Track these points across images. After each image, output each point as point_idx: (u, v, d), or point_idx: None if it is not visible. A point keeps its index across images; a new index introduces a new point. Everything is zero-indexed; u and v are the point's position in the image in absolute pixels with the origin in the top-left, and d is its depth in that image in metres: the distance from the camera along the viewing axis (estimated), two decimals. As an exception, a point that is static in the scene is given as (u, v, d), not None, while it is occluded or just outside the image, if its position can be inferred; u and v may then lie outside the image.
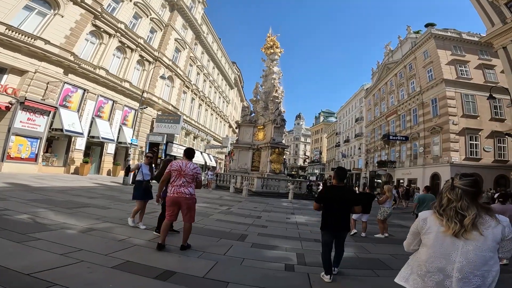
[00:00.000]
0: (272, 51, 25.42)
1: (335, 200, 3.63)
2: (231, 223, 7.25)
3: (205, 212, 8.59)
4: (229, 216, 8.35)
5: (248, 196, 15.98)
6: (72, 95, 17.19)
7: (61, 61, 16.06)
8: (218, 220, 7.44)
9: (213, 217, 7.86)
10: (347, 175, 4.91)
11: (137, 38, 22.57)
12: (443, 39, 30.01)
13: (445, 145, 26.43)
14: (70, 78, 17.05)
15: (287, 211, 10.85)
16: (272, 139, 20.49)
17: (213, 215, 8.24)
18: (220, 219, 7.69)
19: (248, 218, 8.19)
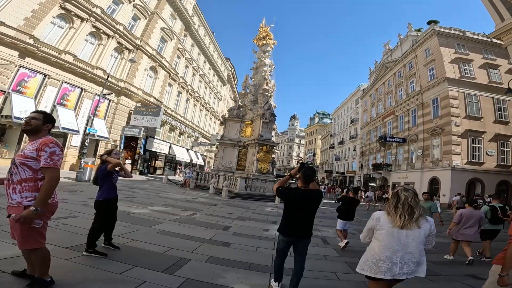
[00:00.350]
0: (264, 42, 23.44)
1: (303, 202, 3.12)
2: (178, 237, 5.16)
3: (153, 219, 6.49)
4: (184, 226, 6.25)
5: (228, 198, 13.89)
6: (29, 80, 15.03)
7: (16, 43, 13.99)
8: (162, 233, 5.33)
9: (158, 227, 5.74)
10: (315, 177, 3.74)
11: (116, 24, 20.48)
12: (446, 37, 28.36)
13: (446, 148, 24.71)
14: (27, 61, 15.01)
15: (268, 220, 8.79)
16: (259, 135, 18.44)
17: (161, 223, 6.13)
18: (167, 230, 5.58)
19: (209, 230, 6.10)
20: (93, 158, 14.04)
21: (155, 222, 6.21)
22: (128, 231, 5.14)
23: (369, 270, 2.25)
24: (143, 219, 6.31)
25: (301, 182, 3.21)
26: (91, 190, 9.72)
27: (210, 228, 6.35)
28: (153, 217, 6.64)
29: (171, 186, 17.10)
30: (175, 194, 12.66)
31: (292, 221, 3.09)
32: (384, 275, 2.18)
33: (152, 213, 7.15)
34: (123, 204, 7.78)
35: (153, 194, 11.52)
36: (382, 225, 2.26)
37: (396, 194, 2.31)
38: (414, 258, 2.18)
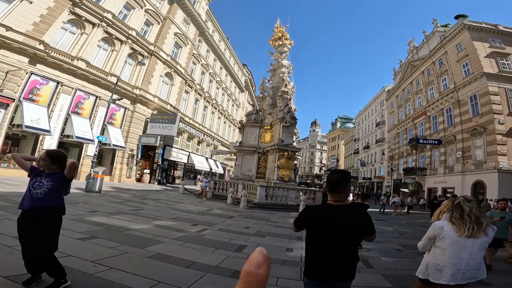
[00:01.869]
0: (280, 43, 22.30)
1: (333, 227, 1.97)
2: (175, 263, 3.93)
3: (152, 237, 5.31)
4: (188, 246, 5.02)
5: (247, 209, 12.61)
6: (41, 87, 14.73)
7: (25, 49, 13.76)
8: (155, 257, 4.12)
9: (154, 248, 4.54)
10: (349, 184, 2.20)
11: (128, 29, 20.20)
12: (478, 31, 26.27)
13: (490, 148, 22.07)
14: (39, 68, 14.72)
15: (292, 235, 7.38)
16: (280, 141, 17.10)
17: (160, 243, 4.94)
18: (164, 253, 4.37)
19: (218, 252, 4.84)
20: (104, 167, 13.40)
21: (153, 241, 5.04)
22: (110, 254, 4.01)
23: (432, 276, 2.35)
24: (139, 238, 5.17)
25: (329, 195, 2.14)
26: (95, 202, 8.84)
27: (220, 248, 5.09)
28: (153, 235, 5.48)
29: (187, 196, 16.11)
30: (189, 205, 11.56)
31: (319, 255, 2.02)
32: (447, 281, 2.26)
33: (154, 230, 6.01)
34: (123, 218, 6.74)
35: (165, 205, 10.49)
36: (446, 234, 2.32)
37: (458, 206, 2.36)
38: (478, 264, 2.29)
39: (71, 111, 16.33)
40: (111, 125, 18.94)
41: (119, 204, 9.12)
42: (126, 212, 7.75)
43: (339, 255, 2.00)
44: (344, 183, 2.12)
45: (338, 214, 2.01)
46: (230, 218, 9.28)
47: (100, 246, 4.33)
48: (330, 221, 2.00)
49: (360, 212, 2.17)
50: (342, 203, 2.07)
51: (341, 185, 2.10)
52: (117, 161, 19.74)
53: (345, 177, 2.16)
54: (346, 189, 2.12)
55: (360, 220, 2.09)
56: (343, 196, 2.10)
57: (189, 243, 5.21)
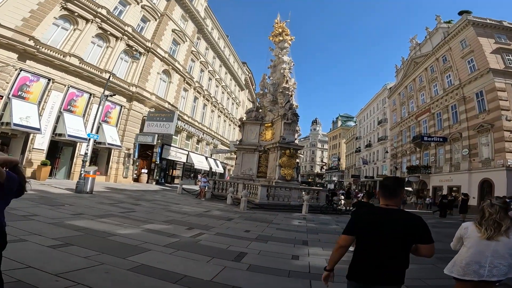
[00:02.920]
0: (281, 39, 21.62)
1: (381, 230, 1.97)
2: (160, 277, 3.28)
3: (139, 244, 4.65)
4: (179, 254, 4.36)
5: (247, 210, 11.97)
6: (31, 84, 14.07)
7: (14, 45, 13.15)
8: (137, 269, 3.46)
9: (137, 258, 3.87)
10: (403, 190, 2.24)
11: (124, 25, 19.54)
12: (483, 27, 25.76)
13: (498, 146, 21.41)
14: (29, 65, 14.08)
15: (297, 239, 6.76)
16: (281, 138, 16.45)
17: (146, 252, 4.29)
18: (149, 264, 3.71)
19: (213, 262, 4.19)
20: (95, 167, 12.76)
21: (139, 249, 4.39)
22: (83, 265, 3.37)
23: (456, 272, 2.48)
24: (123, 245, 4.53)
25: (382, 199, 2.14)
26: (83, 204, 8.21)
27: (217, 257, 4.44)
28: (140, 241, 4.83)
29: (185, 196, 15.47)
30: (186, 207, 10.92)
31: (364, 258, 2.02)
32: (471, 277, 2.37)
33: (143, 235, 5.37)
34: (110, 222, 6.11)
35: (160, 207, 9.85)
36: (470, 234, 2.48)
37: (481, 210, 2.49)
38: (506, 262, 2.32)
39: (63, 108, 15.67)
40: (106, 123, 18.27)
41: (110, 206, 8.49)
42: (115, 215, 7.12)
43: (386, 260, 1.94)
44: (399, 188, 2.12)
45: (389, 218, 2.00)
46: (230, 221, 8.64)
47: (74, 255, 3.69)
48: (379, 225, 1.99)
49: (413, 218, 2.02)
50: (393, 208, 2.05)
51: (397, 190, 2.10)
52: (113, 160, 19.08)
53: (400, 182, 2.17)
54: (401, 194, 2.13)
55: (412, 227, 1.97)
56: (397, 201, 2.09)
57: (181, 251, 4.56)
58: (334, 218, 12.05)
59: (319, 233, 7.85)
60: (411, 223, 1.98)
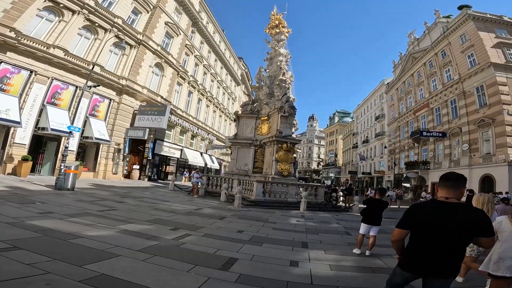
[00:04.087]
0: (277, 31, 20.84)
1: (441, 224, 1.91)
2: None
3: (106, 248, 3.89)
4: (153, 262, 3.60)
5: (242, 207, 11.28)
6: (12, 76, 13.21)
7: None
8: (94, 281, 2.71)
9: (99, 266, 3.10)
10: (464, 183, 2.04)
11: (114, 17, 18.65)
12: (483, 21, 25.44)
13: (499, 141, 20.96)
14: (9, 56, 13.26)
15: (295, 240, 6.06)
16: (278, 132, 15.74)
17: (113, 258, 3.54)
18: (109, 275, 2.96)
19: (195, 271, 3.45)
20: (77, 162, 11.90)
21: (104, 255, 3.64)
22: (21, 275, 2.65)
23: (490, 268, 2.46)
24: (86, 250, 3.77)
25: (442, 190, 2.04)
26: (59, 202, 7.43)
27: (200, 265, 3.71)
28: (110, 245, 4.08)
29: (176, 193, 14.71)
30: (176, 204, 10.17)
31: (420, 250, 2.00)
32: (503, 273, 2.35)
33: (116, 237, 4.62)
34: (82, 222, 5.35)
35: (146, 205, 9.09)
36: (504, 228, 2.51)
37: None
38: None
39: (46, 101, 14.77)
40: (94, 117, 17.38)
41: (88, 204, 7.71)
42: (91, 214, 6.35)
43: (445, 254, 1.92)
44: (462, 181, 2.02)
45: (449, 211, 1.92)
46: (222, 219, 7.92)
47: (15, 261, 2.95)
48: (439, 218, 1.93)
49: (475, 211, 2.02)
50: (454, 201, 1.96)
51: (459, 182, 2.01)
52: (102, 156, 18.20)
53: (463, 177, 2.07)
54: (462, 189, 2.02)
55: (474, 220, 1.90)
56: (458, 194, 1.98)
57: (158, 257, 3.82)
58: (334, 216, 11.39)
59: (319, 233, 7.16)
60: (473, 216, 1.92)
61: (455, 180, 2.00)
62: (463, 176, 2.06)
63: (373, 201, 5.62)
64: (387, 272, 3.49)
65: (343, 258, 4.84)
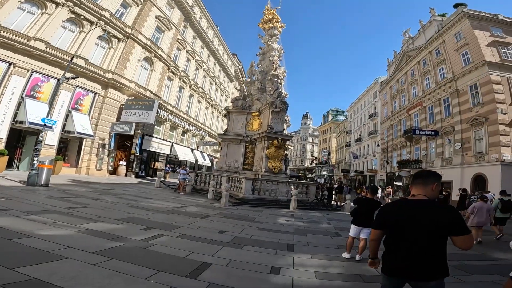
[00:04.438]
0: (271, 25, 20.36)
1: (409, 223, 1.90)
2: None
3: (59, 248, 3.32)
4: (104, 266, 3.05)
5: (229, 205, 10.76)
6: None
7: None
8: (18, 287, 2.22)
9: (34, 269, 2.53)
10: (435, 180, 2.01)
11: (101, 10, 17.93)
12: (479, 19, 25.20)
13: (492, 139, 20.79)
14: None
15: (281, 241, 5.58)
16: (269, 127, 15.25)
17: (62, 259, 2.97)
18: (43, 281, 2.45)
19: (156, 279, 2.93)
20: (51, 157, 11.22)
21: (50, 257, 3.09)
22: None
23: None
24: (30, 251, 3.23)
25: (411, 188, 2.07)
26: (24, 198, 6.80)
27: (164, 271, 3.18)
28: (63, 246, 3.53)
29: (162, 190, 14.11)
30: (158, 202, 9.59)
31: (393, 251, 1.94)
32: None
33: (74, 237, 4.06)
34: (40, 220, 4.77)
35: (125, 202, 8.49)
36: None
37: None
38: None
39: (25, 94, 14.04)
40: (76, 111, 16.62)
41: (58, 201, 7.10)
42: (57, 211, 5.76)
43: (418, 255, 1.83)
44: (432, 177, 1.99)
45: (417, 210, 1.89)
46: (204, 218, 7.39)
47: None
48: (407, 217, 1.90)
49: (444, 208, 1.88)
50: (422, 198, 1.94)
51: (429, 179, 1.98)
52: (85, 151, 17.45)
53: (435, 174, 2.04)
54: (433, 185, 1.96)
55: (442, 218, 1.81)
56: (427, 192, 1.95)
57: (115, 261, 3.29)
58: (324, 215, 10.96)
59: (307, 234, 6.69)
60: (440, 213, 1.85)
61: (424, 177, 1.99)
62: (434, 173, 2.04)
63: (364, 201, 5.15)
64: (378, 280, 3.03)
65: (331, 263, 4.36)
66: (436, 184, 1.96)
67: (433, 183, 1.96)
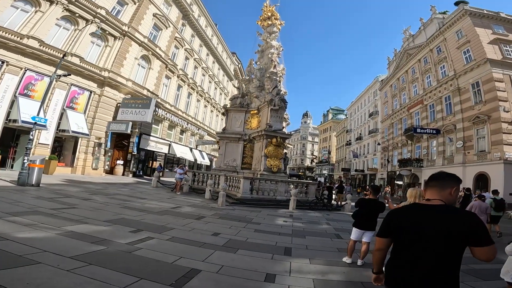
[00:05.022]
0: (270, 23, 20.04)
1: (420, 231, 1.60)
2: None
3: (34, 252, 3.03)
4: (79, 273, 2.76)
5: (227, 205, 10.47)
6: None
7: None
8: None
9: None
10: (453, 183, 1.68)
11: (96, 8, 17.68)
12: (480, 17, 24.93)
13: (495, 138, 20.49)
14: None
15: (278, 244, 5.28)
16: (267, 126, 14.95)
17: (32, 265, 2.67)
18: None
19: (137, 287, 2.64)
20: (43, 156, 10.93)
21: (20, 262, 2.83)
22: None
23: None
24: (2, 254, 2.93)
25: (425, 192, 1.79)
26: (10, 198, 6.50)
27: (146, 278, 2.90)
28: (38, 250, 3.24)
29: (158, 190, 13.81)
30: (152, 202, 9.29)
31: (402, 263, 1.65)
32: None
33: (53, 240, 3.77)
34: (21, 222, 4.49)
35: (116, 202, 8.19)
36: None
37: None
38: None
39: (19, 93, 13.82)
40: (71, 109, 16.35)
41: (46, 201, 6.81)
42: (42, 212, 5.48)
43: (427, 268, 1.54)
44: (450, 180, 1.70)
45: (430, 216, 1.60)
46: (199, 219, 7.09)
47: None
48: (418, 224, 1.61)
49: (463, 215, 1.60)
50: (437, 203, 1.64)
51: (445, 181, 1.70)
52: (81, 150, 17.16)
53: (453, 176, 1.74)
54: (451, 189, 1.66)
55: (461, 226, 1.52)
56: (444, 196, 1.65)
57: (93, 267, 3.00)
58: (324, 215, 10.66)
59: (306, 235, 6.39)
60: (458, 220, 1.55)
61: (441, 179, 1.72)
62: (453, 176, 1.74)
63: (366, 202, 4.77)
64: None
65: (331, 269, 4.06)
66: (455, 188, 1.68)
67: (451, 187, 1.68)
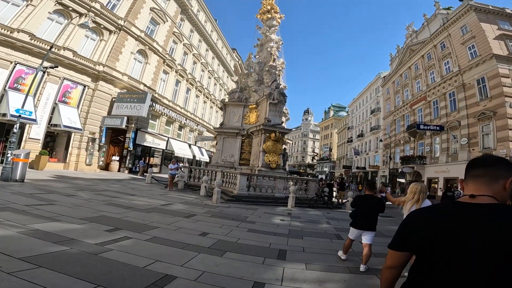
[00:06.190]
0: (269, 16, 19.50)
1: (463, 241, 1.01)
2: None
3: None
4: (24, 276, 2.30)
5: (222, 202, 9.98)
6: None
7: None
8: None
9: None
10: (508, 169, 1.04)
11: (90, 1, 17.22)
12: (485, 13, 24.32)
13: (501, 134, 19.91)
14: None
15: (272, 246, 4.78)
16: (266, 120, 14.43)
17: None
18: None
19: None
20: (28, 150, 10.46)
21: None
22: None
23: None
24: None
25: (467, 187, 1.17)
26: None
27: (105, 286, 2.40)
28: None
29: (152, 186, 13.32)
30: (142, 199, 8.79)
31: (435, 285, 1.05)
32: None
33: (10, 239, 3.27)
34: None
35: (102, 199, 7.70)
36: None
37: None
38: None
39: (8, 87, 13.41)
40: (64, 103, 15.84)
41: (24, 197, 6.33)
42: (13, 208, 5.01)
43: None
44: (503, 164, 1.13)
45: (476, 219, 1.04)
46: (189, 217, 6.60)
47: None
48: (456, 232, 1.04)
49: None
50: (486, 201, 1.07)
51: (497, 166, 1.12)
52: (73, 145, 16.67)
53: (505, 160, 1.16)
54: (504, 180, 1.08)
55: None
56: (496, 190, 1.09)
57: (42, 269, 2.51)
58: (325, 214, 10.15)
59: (304, 236, 5.88)
60: None
61: (491, 166, 1.13)
62: (505, 161, 1.16)
63: (363, 199, 4.30)
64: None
65: (329, 276, 3.54)
66: (510, 178, 1.08)
67: (506, 177, 1.09)
